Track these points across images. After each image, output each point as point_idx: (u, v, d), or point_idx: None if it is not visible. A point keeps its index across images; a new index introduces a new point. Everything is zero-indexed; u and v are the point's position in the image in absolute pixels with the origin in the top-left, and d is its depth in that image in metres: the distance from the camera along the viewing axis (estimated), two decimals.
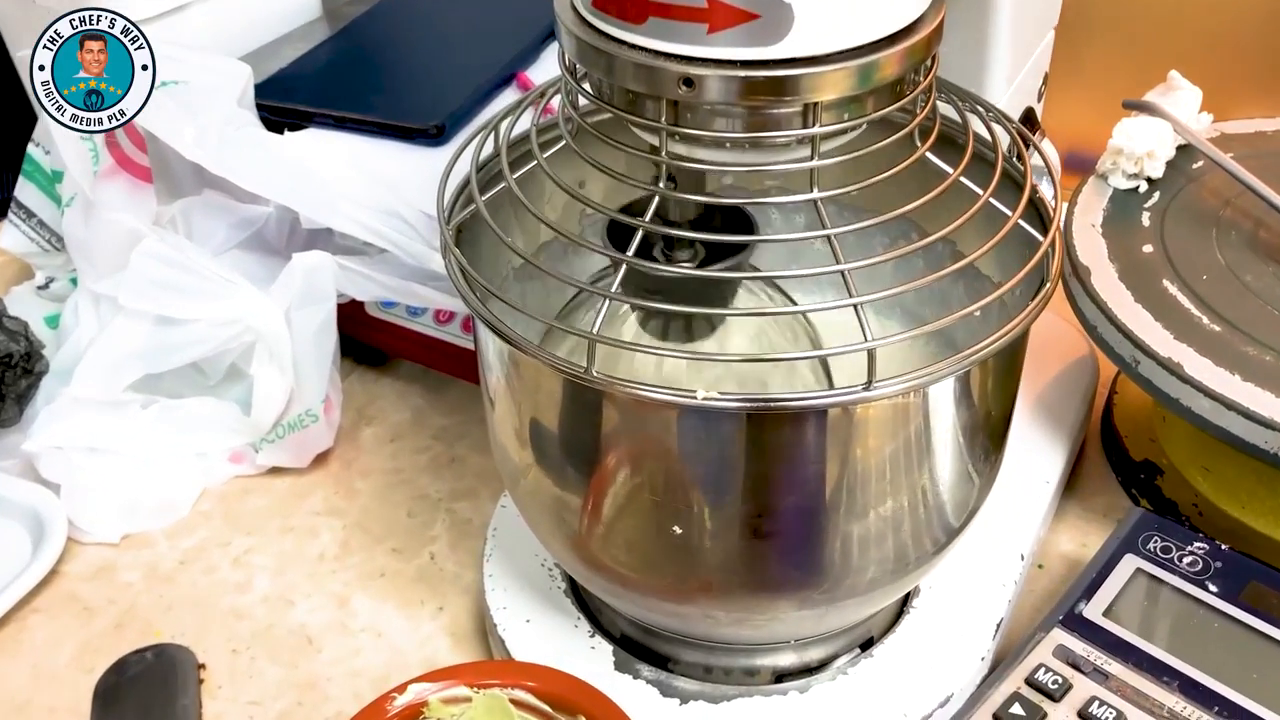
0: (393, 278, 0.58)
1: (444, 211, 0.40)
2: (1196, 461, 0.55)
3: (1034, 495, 0.53)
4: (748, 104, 0.33)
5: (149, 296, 0.57)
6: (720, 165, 0.35)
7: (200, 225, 0.62)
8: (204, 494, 0.59)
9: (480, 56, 0.68)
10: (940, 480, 0.39)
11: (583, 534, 0.40)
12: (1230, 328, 0.49)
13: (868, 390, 0.33)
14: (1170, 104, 0.58)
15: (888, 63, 0.33)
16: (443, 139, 0.61)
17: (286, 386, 0.57)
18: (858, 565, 0.39)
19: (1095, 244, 0.54)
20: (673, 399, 0.34)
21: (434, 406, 0.64)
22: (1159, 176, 0.57)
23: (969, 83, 0.47)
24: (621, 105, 0.35)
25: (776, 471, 0.36)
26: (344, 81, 0.67)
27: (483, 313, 0.37)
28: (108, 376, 0.58)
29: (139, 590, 0.54)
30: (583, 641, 0.46)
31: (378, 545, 0.56)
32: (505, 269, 0.47)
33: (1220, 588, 0.45)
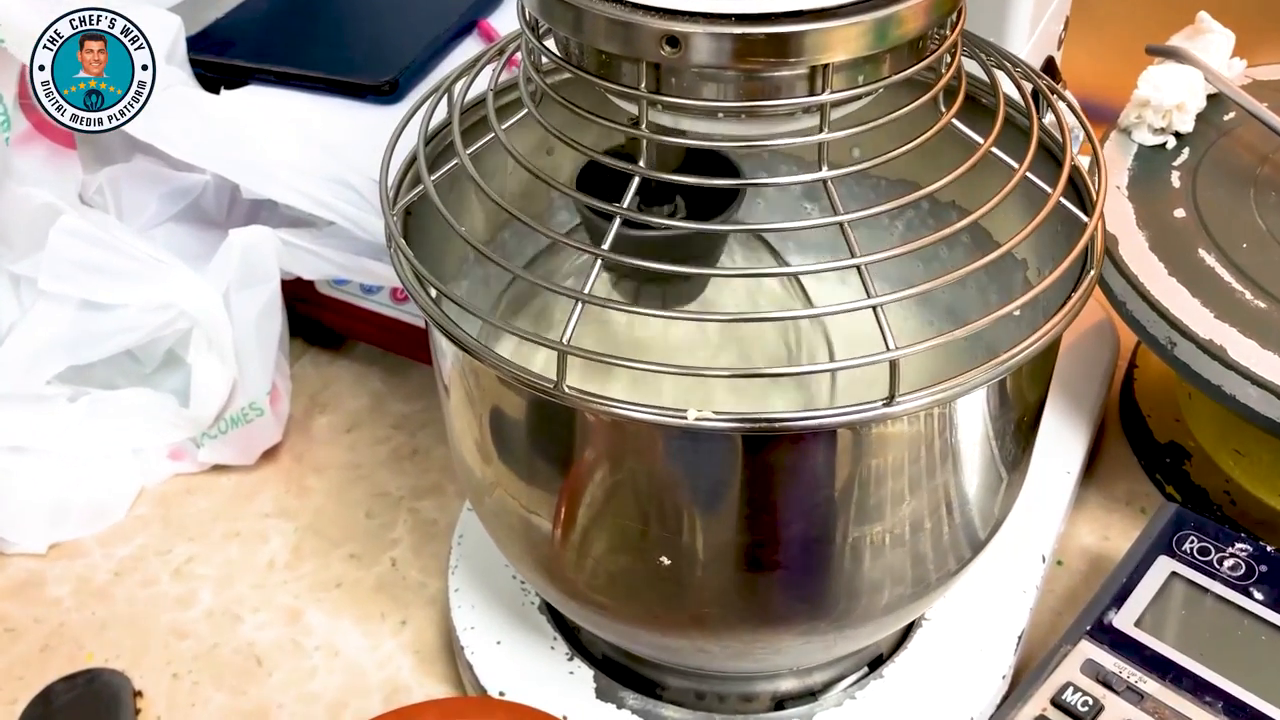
0: (343, 253, 0.53)
1: (388, 192, 0.35)
2: (1227, 444, 0.50)
3: (1054, 489, 0.48)
4: (744, 67, 0.27)
5: (71, 279, 0.51)
6: (710, 138, 0.30)
7: (130, 196, 0.56)
8: (141, 495, 0.54)
9: (438, 2, 0.62)
10: (966, 492, 0.34)
11: (558, 561, 0.35)
12: (1277, 304, 0.44)
13: (890, 406, 0.28)
14: (1199, 49, 0.53)
15: (910, 15, 0.28)
16: (396, 96, 0.56)
17: (228, 377, 0.51)
18: (871, 592, 0.34)
19: (1121, 209, 0.49)
20: (659, 419, 0.28)
21: (394, 392, 0.59)
22: (1188, 131, 0.52)
23: (990, 31, 0.42)
24: (593, 68, 0.30)
25: (779, 497, 0.31)
26: (287, 33, 0.61)
27: (435, 315, 0.31)
28: (29, 367, 0.52)
29: (68, 607, 0.49)
30: (560, 666, 0.42)
31: (333, 551, 0.51)
32: (464, 249, 0.41)
33: (1266, 595, 0.41)
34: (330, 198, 0.52)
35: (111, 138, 0.59)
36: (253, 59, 0.58)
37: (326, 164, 0.52)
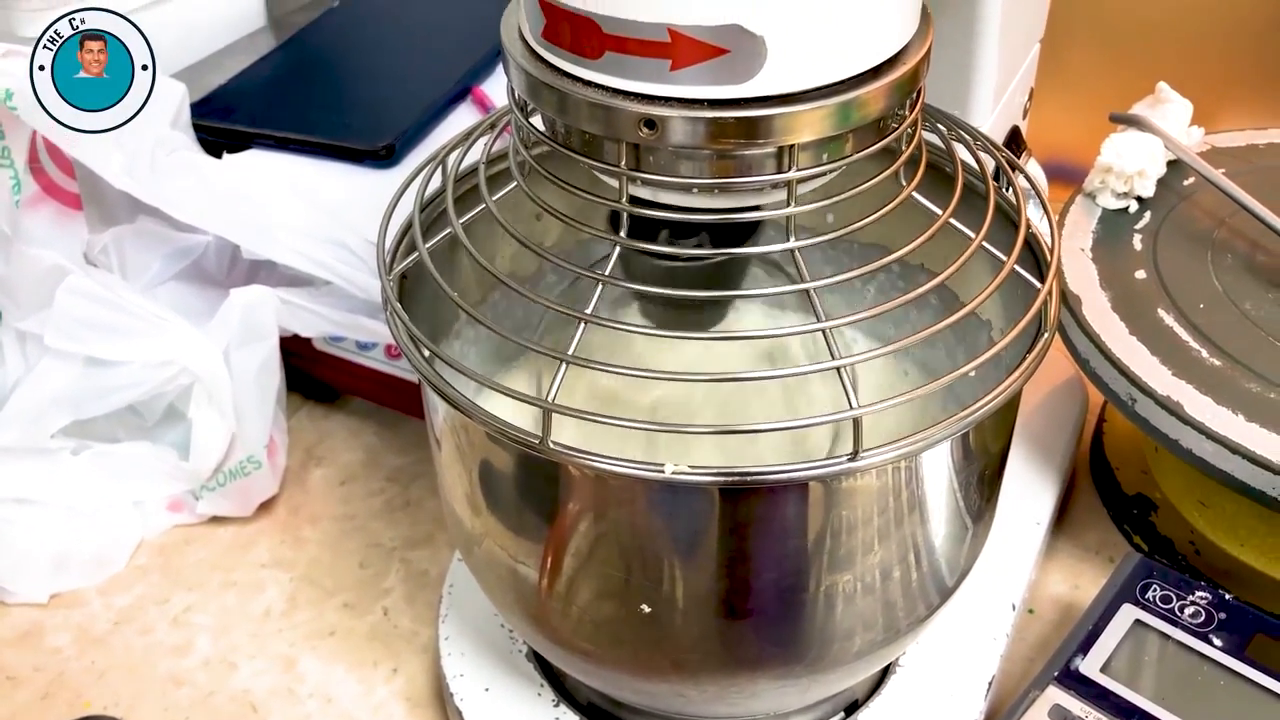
0: (339, 311, 0.55)
1: (385, 257, 0.37)
2: (1192, 496, 0.52)
3: (1024, 539, 0.50)
4: (716, 147, 0.30)
5: (76, 337, 0.53)
6: (686, 211, 0.32)
7: (134, 256, 0.58)
8: (141, 546, 0.55)
9: (433, 70, 0.65)
10: (933, 541, 0.36)
11: (543, 608, 0.37)
12: (1231, 362, 0.46)
13: (854, 461, 0.30)
14: (1159, 118, 0.55)
15: (871, 99, 0.30)
16: (393, 160, 0.58)
17: (227, 431, 0.53)
18: (843, 638, 0.36)
19: (1085, 270, 0.51)
20: (638, 473, 0.30)
21: (387, 445, 0.60)
22: (1150, 195, 0.54)
23: (954, 104, 0.44)
24: (577, 146, 0.32)
25: (754, 547, 0.33)
26: (288, 99, 0.64)
27: (429, 375, 0.33)
28: (34, 421, 0.53)
29: (68, 656, 0.50)
30: (547, 712, 0.43)
31: (328, 600, 0.52)
32: (455, 311, 0.43)
33: (1224, 641, 0.43)
34: (328, 258, 0.54)
35: (116, 199, 0.61)
36: (254, 124, 0.60)
37: (325, 226, 0.54)
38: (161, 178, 0.55)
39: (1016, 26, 0.46)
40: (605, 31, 0.29)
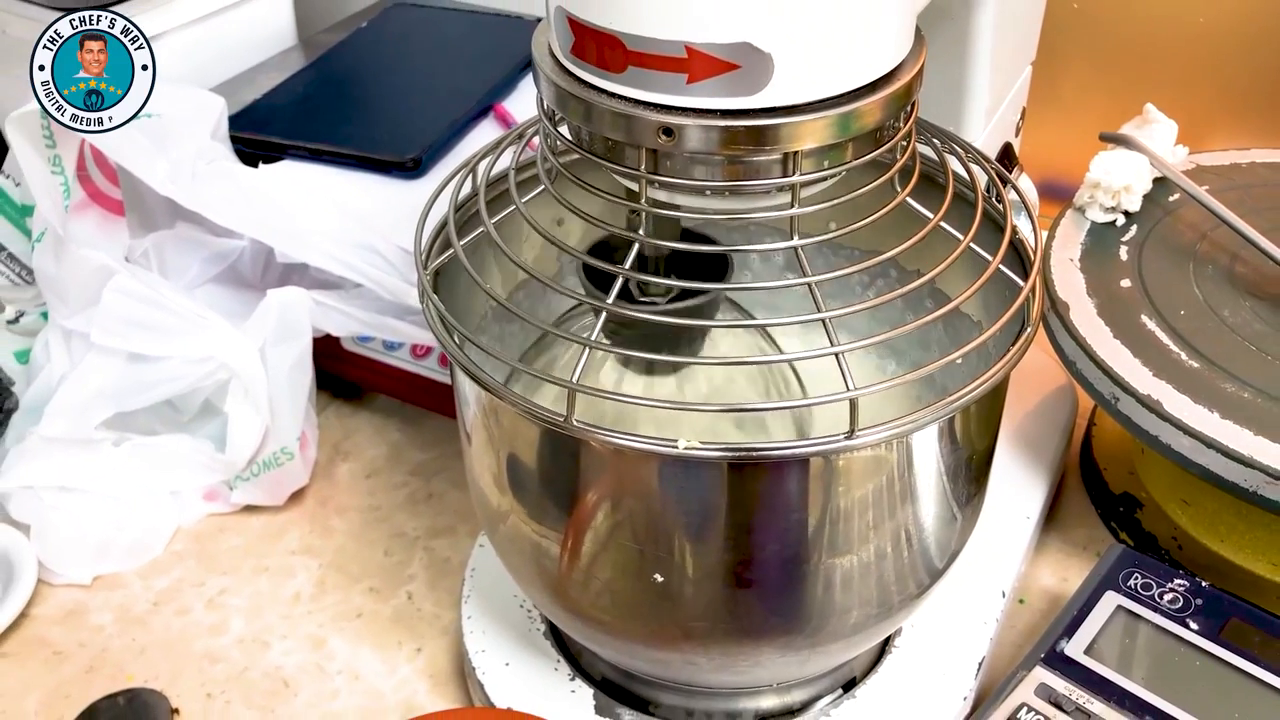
0: (369, 312, 0.58)
1: (421, 254, 0.40)
2: (1176, 495, 0.55)
3: (1014, 531, 0.52)
4: (727, 153, 0.33)
5: (121, 333, 0.56)
6: (700, 212, 0.35)
7: (173, 260, 0.61)
8: (178, 533, 0.58)
9: (457, 87, 0.68)
10: (923, 524, 0.39)
11: (563, 580, 0.40)
12: (1208, 364, 0.49)
13: (850, 439, 0.33)
14: (1146, 137, 0.58)
15: (868, 111, 0.33)
16: (419, 172, 0.61)
17: (262, 424, 0.56)
18: (841, 610, 0.39)
19: (1074, 279, 0.54)
20: (653, 449, 0.33)
21: (411, 441, 0.63)
22: (1136, 210, 0.57)
23: (948, 120, 0.48)
24: (600, 152, 0.35)
25: (758, 520, 0.36)
26: (319, 113, 0.67)
27: (461, 359, 0.36)
28: (79, 414, 0.57)
29: (111, 633, 0.53)
30: (563, 685, 0.46)
31: (354, 585, 0.55)
32: (483, 308, 0.46)
33: (1201, 625, 0.45)
34: (358, 262, 0.57)
35: (156, 205, 0.64)
36: (287, 136, 0.63)
37: (355, 232, 0.57)
38: (202, 185, 0.58)
39: (1007, 50, 0.50)
40: (628, 48, 0.32)
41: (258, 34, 0.76)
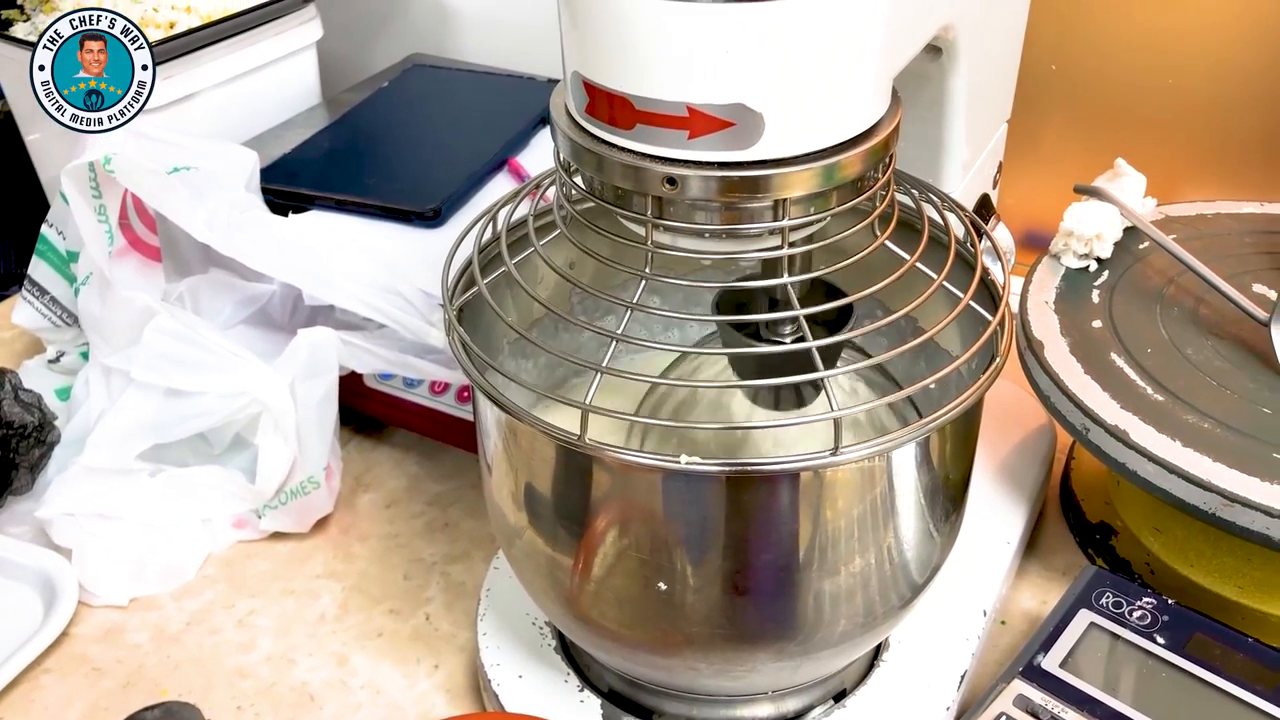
0: (391, 351, 0.61)
1: (448, 291, 0.44)
2: (1148, 523, 0.58)
3: (996, 555, 0.56)
4: (724, 199, 0.37)
5: (160, 370, 0.60)
6: (700, 253, 0.39)
7: (207, 302, 0.65)
8: (209, 558, 0.62)
9: (474, 143, 0.72)
10: (904, 538, 0.42)
11: (574, 591, 0.43)
12: (1172, 397, 0.52)
13: (835, 455, 0.37)
14: (1117, 189, 0.63)
15: (849, 163, 0.37)
16: (438, 221, 0.65)
17: (290, 455, 0.60)
18: (829, 619, 0.42)
19: (1048, 320, 0.58)
20: (657, 464, 0.37)
21: (429, 474, 0.67)
22: (1107, 256, 0.61)
23: (928, 173, 0.52)
24: (611, 199, 0.39)
25: (754, 530, 0.39)
26: (344, 166, 0.71)
27: (483, 384, 0.40)
28: (118, 446, 0.60)
29: (147, 650, 0.57)
30: (572, 695, 0.49)
31: (375, 606, 0.59)
32: (501, 343, 0.50)
33: (1168, 640, 0.48)
34: (382, 304, 0.61)
35: (191, 252, 0.69)
36: (315, 188, 0.68)
37: (379, 276, 0.61)
38: (236, 233, 0.62)
39: (981, 109, 0.54)
40: (637, 108, 0.36)
41: (285, 93, 0.80)
